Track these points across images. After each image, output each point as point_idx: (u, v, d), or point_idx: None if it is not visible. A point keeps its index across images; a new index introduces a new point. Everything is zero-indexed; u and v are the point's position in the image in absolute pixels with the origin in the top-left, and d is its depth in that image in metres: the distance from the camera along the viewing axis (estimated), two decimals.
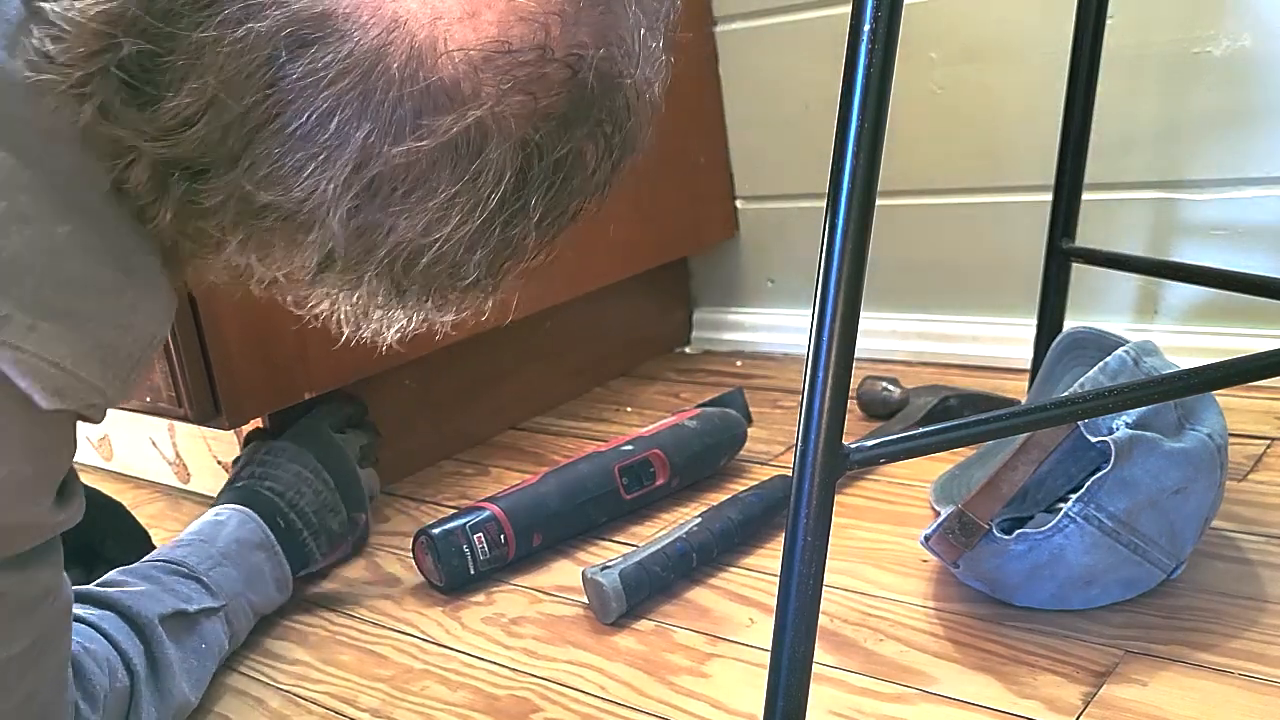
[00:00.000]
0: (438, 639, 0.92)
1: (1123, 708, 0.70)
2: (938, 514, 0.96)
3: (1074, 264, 1.03)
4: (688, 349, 1.60)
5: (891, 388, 1.21)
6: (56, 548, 0.67)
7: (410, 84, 0.54)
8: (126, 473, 1.36)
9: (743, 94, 1.48)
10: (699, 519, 0.96)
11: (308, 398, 1.08)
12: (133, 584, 0.83)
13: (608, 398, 1.43)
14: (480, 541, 0.98)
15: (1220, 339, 1.17)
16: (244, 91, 0.53)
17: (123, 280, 0.60)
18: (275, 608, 0.96)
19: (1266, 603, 0.79)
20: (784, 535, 0.62)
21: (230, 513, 0.95)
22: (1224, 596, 0.80)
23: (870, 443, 0.63)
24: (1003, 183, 1.29)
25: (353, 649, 0.92)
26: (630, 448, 1.07)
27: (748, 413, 1.18)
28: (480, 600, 0.97)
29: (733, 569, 0.95)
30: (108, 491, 1.08)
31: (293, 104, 0.54)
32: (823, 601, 0.64)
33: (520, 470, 1.22)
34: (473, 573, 0.98)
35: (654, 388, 1.45)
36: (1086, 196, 1.01)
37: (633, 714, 0.78)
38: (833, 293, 0.59)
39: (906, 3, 0.57)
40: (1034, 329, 1.05)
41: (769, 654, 0.64)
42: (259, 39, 0.52)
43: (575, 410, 1.40)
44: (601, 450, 1.08)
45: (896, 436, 0.64)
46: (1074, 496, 0.77)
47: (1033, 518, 0.81)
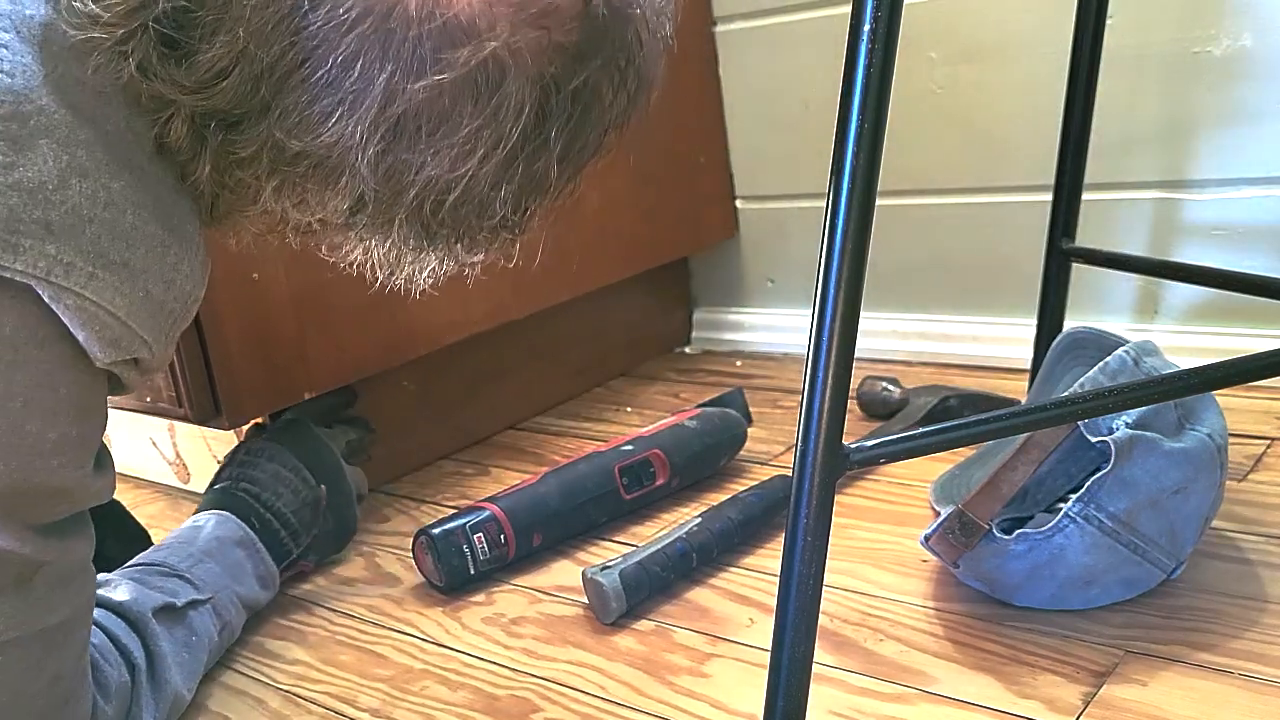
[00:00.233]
0: (438, 639, 0.92)
1: (1123, 708, 0.70)
2: (938, 514, 0.96)
3: (1074, 264, 1.03)
4: (688, 349, 1.60)
5: (891, 388, 1.21)
6: (89, 522, 0.69)
7: (428, 22, 0.56)
8: (126, 473, 1.36)
9: (743, 94, 1.48)
10: (699, 519, 0.97)
11: (308, 398, 1.08)
12: (118, 584, 0.84)
13: (608, 398, 1.43)
14: (480, 541, 0.98)
15: (1220, 339, 1.17)
16: (271, 40, 0.56)
17: (168, 237, 0.62)
18: (263, 604, 0.96)
19: (1266, 603, 0.79)
20: (784, 535, 0.62)
21: (208, 516, 0.96)
22: (1224, 596, 0.80)
23: (870, 443, 0.63)
24: (1003, 183, 1.29)
25: (353, 649, 0.92)
26: (630, 448, 1.07)
27: (748, 413, 1.18)
28: (480, 600, 0.97)
29: (733, 569, 0.95)
30: None
31: (317, 50, 0.56)
32: (823, 601, 0.64)
33: (520, 470, 1.22)
34: (473, 573, 0.98)
35: (654, 388, 1.45)
36: (1086, 196, 1.01)
37: (633, 714, 0.78)
38: (833, 293, 0.59)
39: (906, 3, 0.57)
40: (1034, 329, 1.05)
41: (769, 654, 0.64)
42: None
43: (575, 410, 1.40)
44: (601, 450, 1.08)
45: (896, 436, 0.64)
46: (1074, 496, 0.77)
47: (1033, 518, 0.81)
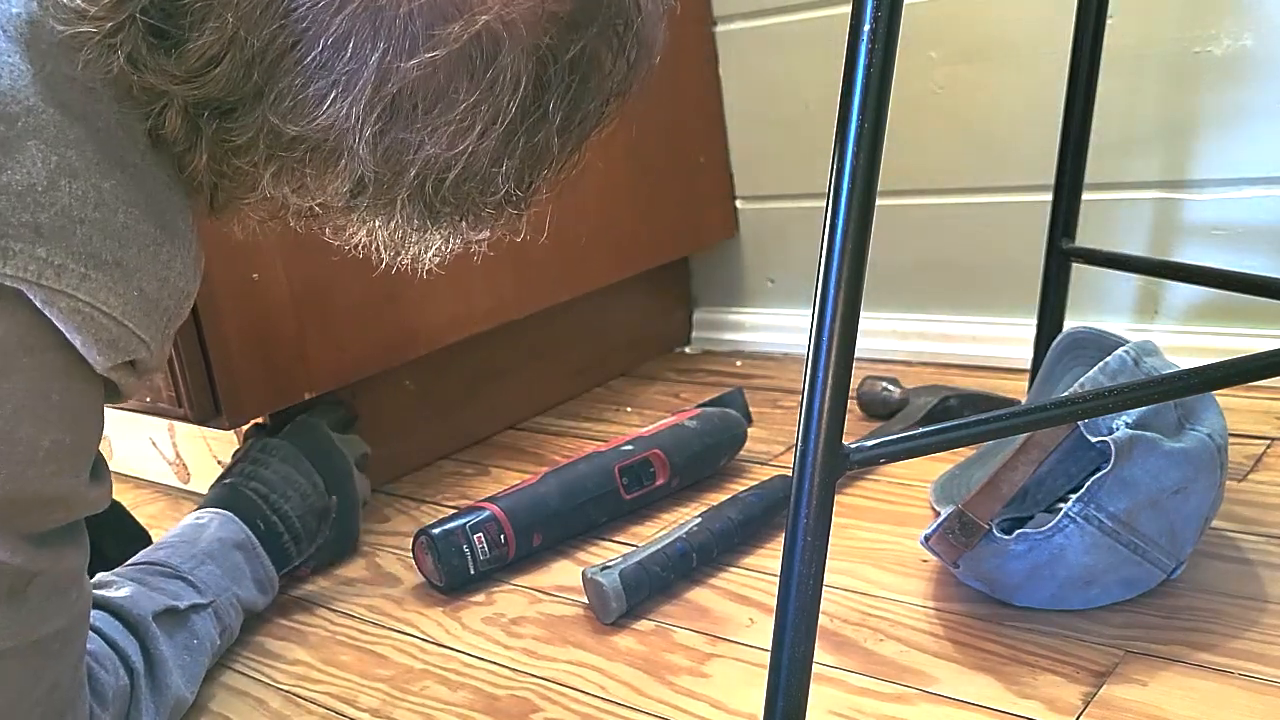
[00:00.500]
0: (438, 639, 0.92)
1: (1123, 708, 0.70)
2: (938, 514, 0.96)
3: (1074, 264, 1.03)
4: (688, 349, 1.60)
5: (891, 388, 1.21)
6: (83, 531, 0.68)
7: None
8: (126, 473, 1.36)
9: (743, 94, 1.48)
10: (699, 519, 0.96)
11: (308, 397, 1.08)
12: (120, 584, 0.83)
13: (608, 398, 1.43)
14: (480, 541, 0.98)
15: (1220, 339, 1.17)
16: (261, 25, 0.55)
17: (160, 234, 0.61)
18: (260, 608, 0.96)
19: (1266, 603, 0.79)
20: (784, 535, 0.62)
21: (211, 515, 0.96)
22: (1224, 596, 0.80)
23: (870, 443, 0.63)
24: (1003, 183, 1.29)
25: (353, 649, 0.92)
26: (630, 448, 1.07)
27: (748, 413, 1.18)
28: (480, 600, 0.97)
29: (733, 569, 0.95)
30: None
31: (308, 32, 0.56)
32: (823, 601, 0.64)
33: (520, 470, 1.22)
34: (473, 573, 0.98)
35: (654, 388, 1.45)
36: (1086, 196, 1.01)
37: (633, 714, 0.78)
38: (833, 293, 0.59)
39: (906, 3, 0.57)
40: (1034, 329, 1.05)
41: (769, 654, 0.64)
42: None
43: (575, 410, 1.40)
44: (601, 450, 1.08)
45: (896, 436, 0.64)
46: (1074, 496, 0.77)
47: (1033, 518, 0.81)
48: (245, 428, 1.10)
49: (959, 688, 0.75)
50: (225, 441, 1.18)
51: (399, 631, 0.94)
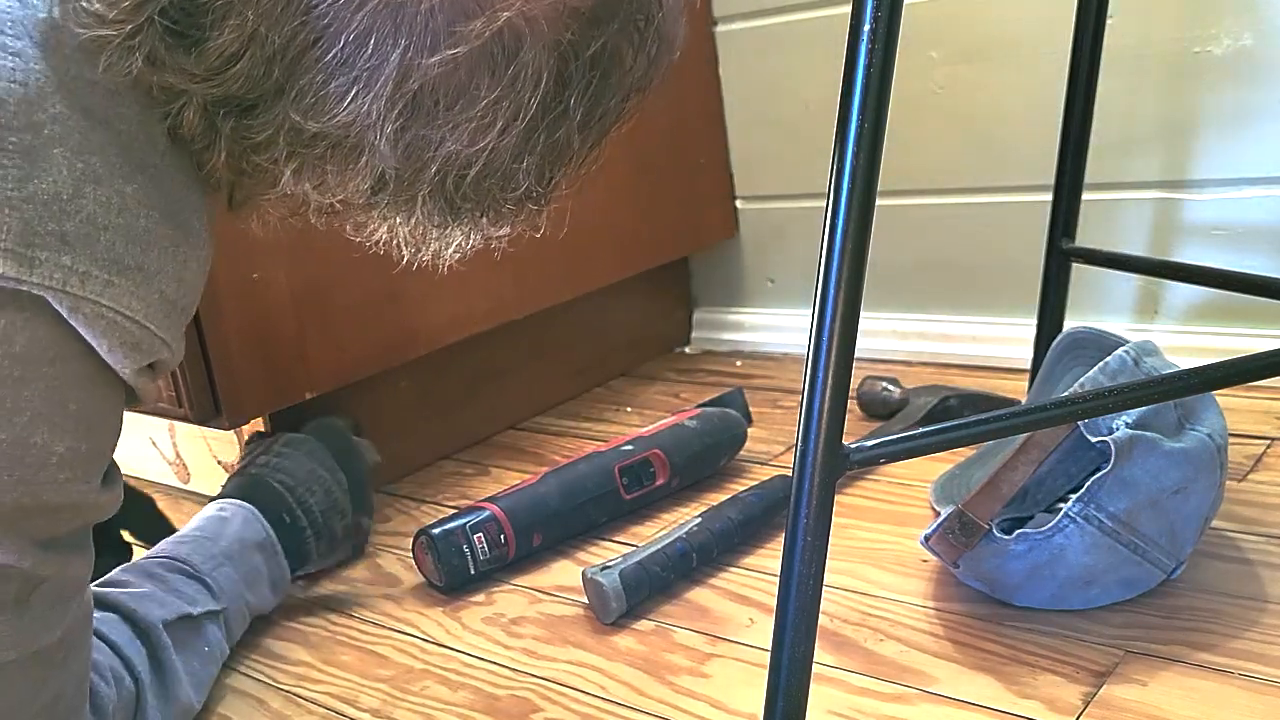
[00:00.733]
0: (438, 639, 0.92)
1: (1123, 708, 0.70)
2: (938, 514, 0.96)
3: (1074, 264, 1.03)
4: (688, 349, 1.60)
5: (891, 388, 1.21)
6: (89, 538, 0.68)
7: None
8: (126, 473, 1.34)
9: (743, 94, 1.48)
10: (699, 519, 0.97)
11: (308, 397, 1.08)
12: (135, 584, 0.83)
13: (608, 398, 1.43)
14: (480, 541, 0.98)
15: (1220, 339, 1.17)
16: (282, 22, 0.55)
17: (178, 235, 0.62)
18: (268, 610, 0.96)
19: (1266, 603, 0.79)
20: (784, 535, 0.62)
21: (234, 509, 0.94)
22: (1224, 596, 0.80)
23: (870, 443, 0.63)
24: (1003, 183, 1.29)
25: (353, 649, 0.92)
26: (630, 448, 1.07)
27: (748, 413, 1.18)
28: (480, 600, 0.97)
29: (733, 569, 0.95)
30: None
31: (329, 28, 0.55)
32: (823, 601, 0.64)
33: (520, 470, 1.22)
34: (473, 573, 0.98)
35: (654, 388, 1.45)
36: (1086, 196, 1.01)
37: (633, 714, 0.78)
38: (833, 293, 0.59)
39: (906, 3, 0.57)
40: (1034, 329, 1.05)
41: (769, 654, 0.64)
42: None
43: (575, 410, 1.40)
44: (601, 450, 1.08)
45: (896, 436, 0.64)
46: (1074, 496, 0.77)
47: (1033, 518, 0.81)
48: (246, 429, 1.10)
49: (959, 688, 0.75)
50: (225, 441, 1.18)
51: (399, 631, 0.94)
